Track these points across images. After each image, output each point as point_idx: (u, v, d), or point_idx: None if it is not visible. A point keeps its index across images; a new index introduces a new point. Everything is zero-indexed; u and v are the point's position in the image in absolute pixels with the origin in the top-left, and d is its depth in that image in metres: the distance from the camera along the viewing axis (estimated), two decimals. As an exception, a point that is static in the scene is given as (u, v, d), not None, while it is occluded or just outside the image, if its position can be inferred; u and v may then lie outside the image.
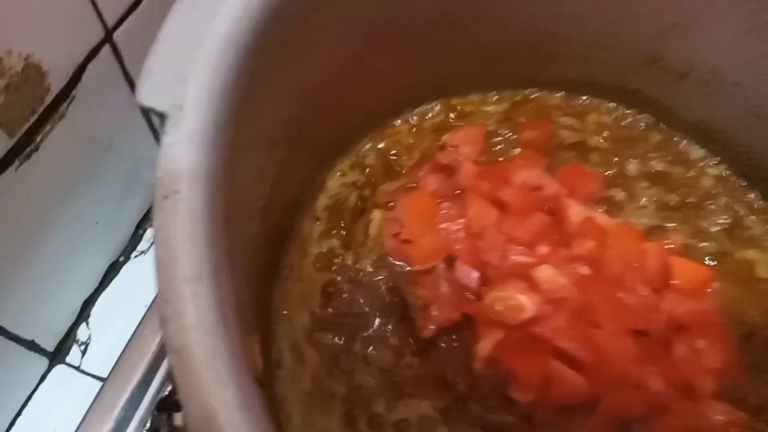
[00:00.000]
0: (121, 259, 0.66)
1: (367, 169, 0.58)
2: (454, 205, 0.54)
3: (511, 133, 0.60)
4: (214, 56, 0.32)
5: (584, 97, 0.62)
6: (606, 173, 0.58)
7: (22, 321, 0.54)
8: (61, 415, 0.58)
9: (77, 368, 0.61)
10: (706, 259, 0.54)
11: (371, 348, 0.50)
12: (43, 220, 0.52)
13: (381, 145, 0.60)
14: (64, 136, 0.50)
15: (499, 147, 0.59)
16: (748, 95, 0.53)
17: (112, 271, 0.66)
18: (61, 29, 0.47)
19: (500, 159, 0.59)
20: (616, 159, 0.59)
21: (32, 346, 0.57)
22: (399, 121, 0.61)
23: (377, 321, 0.51)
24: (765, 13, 0.47)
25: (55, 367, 0.60)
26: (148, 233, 0.69)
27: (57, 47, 0.47)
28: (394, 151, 0.59)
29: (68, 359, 0.61)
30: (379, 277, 0.53)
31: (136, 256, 0.67)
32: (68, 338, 0.62)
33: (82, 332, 0.62)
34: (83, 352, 0.62)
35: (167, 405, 0.54)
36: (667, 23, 0.52)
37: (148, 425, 0.57)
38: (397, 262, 0.53)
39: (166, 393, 0.57)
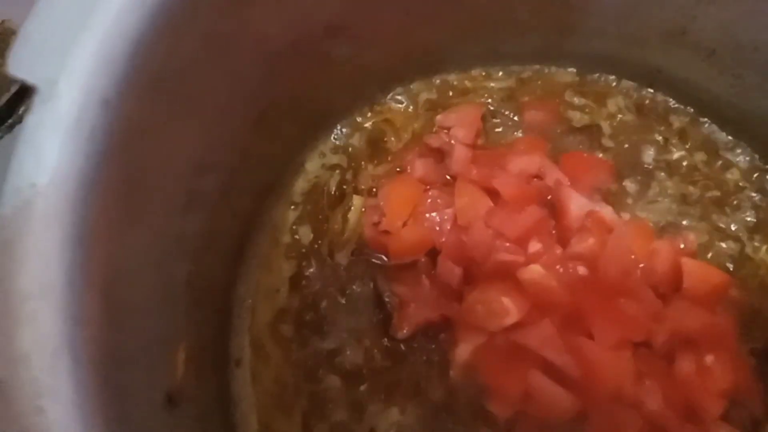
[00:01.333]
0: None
1: (351, 150, 0.53)
2: (443, 193, 0.49)
3: (513, 114, 0.55)
4: (110, 19, 0.26)
5: (600, 75, 0.56)
6: (618, 161, 0.53)
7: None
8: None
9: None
10: (724, 257, 0.49)
11: (341, 347, 0.46)
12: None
13: (368, 125, 0.54)
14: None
15: (499, 129, 0.54)
16: (785, 78, 0.47)
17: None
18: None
19: (502, 143, 0.53)
20: (631, 145, 0.54)
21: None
22: (389, 97, 0.55)
23: (349, 318, 0.47)
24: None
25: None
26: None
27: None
28: (382, 132, 0.54)
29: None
30: (355, 271, 0.49)
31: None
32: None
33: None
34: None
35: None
36: (696, -9, 0.47)
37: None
38: (376, 255, 0.49)
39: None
